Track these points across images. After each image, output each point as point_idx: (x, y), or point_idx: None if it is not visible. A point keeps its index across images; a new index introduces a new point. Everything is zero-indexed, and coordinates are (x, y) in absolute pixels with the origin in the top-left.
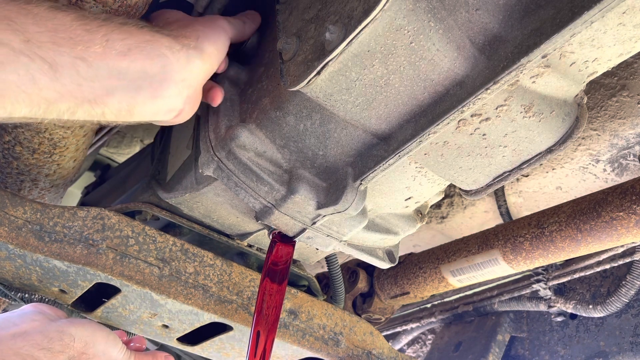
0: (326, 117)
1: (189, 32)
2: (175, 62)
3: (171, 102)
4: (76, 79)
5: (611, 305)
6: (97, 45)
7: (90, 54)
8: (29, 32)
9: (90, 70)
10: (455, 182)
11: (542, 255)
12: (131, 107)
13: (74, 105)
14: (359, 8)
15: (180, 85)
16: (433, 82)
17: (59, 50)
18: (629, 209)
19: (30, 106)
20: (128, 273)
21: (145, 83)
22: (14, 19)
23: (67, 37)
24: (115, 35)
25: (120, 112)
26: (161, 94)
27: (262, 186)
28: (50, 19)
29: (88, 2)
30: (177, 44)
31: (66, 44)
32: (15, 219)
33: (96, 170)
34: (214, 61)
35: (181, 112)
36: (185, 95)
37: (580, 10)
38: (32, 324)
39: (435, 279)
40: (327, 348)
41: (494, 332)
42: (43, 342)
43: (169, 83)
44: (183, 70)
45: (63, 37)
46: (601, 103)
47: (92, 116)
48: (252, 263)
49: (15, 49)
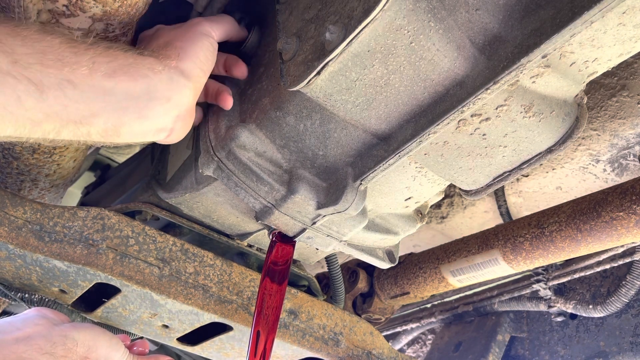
0: (326, 117)
1: (169, 51)
2: (158, 82)
3: (159, 122)
4: (62, 100)
5: (611, 305)
6: (83, 68)
7: (77, 75)
8: (16, 53)
9: (76, 91)
10: (455, 182)
11: (542, 255)
12: (117, 127)
13: (59, 125)
14: (359, 8)
15: (166, 105)
16: (433, 82)
17: (46, 72)
18: (629, 209)
19: (15, 126)
20: (128, 273)
21: (131, 104)
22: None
23: (55, 59)
24: (101, 58)
25: (107, 133)
26: (147, 114)
27: (262, 186)
28: (38, 41)
29: (88, 3)
30: (159, 64)
31: (53, 65)
32: (15, 219)
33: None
34: (198, 76)
35: (172, 131)
36: (174, 115)
37: (580, 10)
38: (35, 328)
39: (435, 279)
40: (327, 348)
41: (494, 332)
42: (46, 347)
43: (154, 103)
44: (167, 90)
45: (51, 59)
46: (601, 103)
47: (78, 136)
48: (252, 263)
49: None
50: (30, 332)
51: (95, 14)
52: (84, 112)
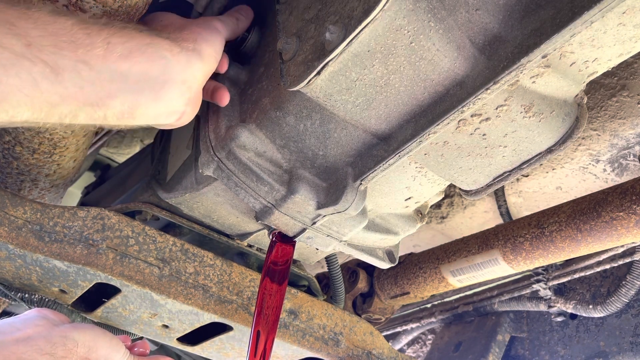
0: (326, 117)
1: (186, 35)
2: (176, 64)
3: (173, 104)
4: (78, 82)
5: (611, 305)
6: (98, 49)
7: (92, 56)
8: (30, 36)
9: (92, 73)
10: (455, 182)
11: (542, 255)
12: (133, 109)
13: (75, 108)
14: (359, 8)
15: (181, 87)
16: (433, 82)
17: (61, 54)
18: (629, 209)
19: (32, 110)
20: (128, 273)
21: (147, 85)
22: (15, 23)
23: (69, 41)
24: (116, 39)
25: (123, 115)
26: (163, 96)
27: (262, 186)
28: (50, 23)
29: (88, 2)
30: (177, 46)
31: (68, 47)
32: (15, 219)
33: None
34: (213, 62)
35: (183, 114)
36: (186, 97)
37: (580, 10)
38: (36, 329)
39: (435, 279)
40: (327, 348)
41: (494, 332)
42: (46, 347)
43: (170, 85)
44: (183, 72)
45: (64, 41)
46: (601, 103)
47: (94, 119)
48: (252, 263)
49: (17, 52)
50: (31, 333)
51: (95, 14)
52: (101, 93)
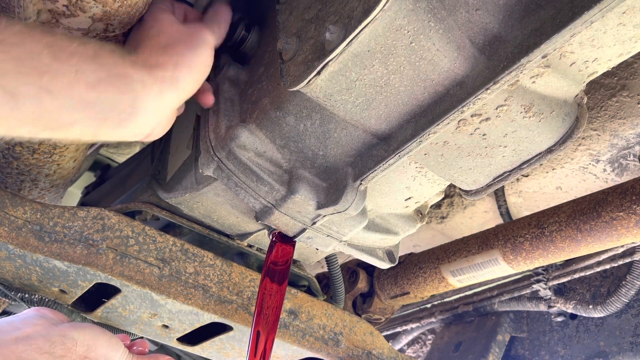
0: (326, 117)
1: (167, 59)
2: (145, 96)
3: (138, 129)
4: (37, 110)
5: (611, 305)
6: (66, 76)
7: (57, 84)
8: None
9: (55, 102)
10: (455, 182)
11: (542, 255)
12: (95, 134)
13: (35, 131)
14: (359, 8)
15: (149, 116)
16: (433, 82)
17: (23, 80)
18: (629, 209)
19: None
20: (128, 273)
21: (113, 114)
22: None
23: (33, 67)
24: (86, 66)
25: (83, 137)
26: (128, 125)
27: (262, 186)
28: (17, 45)
29: (88, 2)
30: (150, 77)
31: (31, 73)
32: (15, 219)
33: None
34: (190, 89)
35: (149, 136)
36: (154, 123)
37: (580, 10)
38: (35, 328)
39: (435, 279)
40: (327, 348)
41: (494, 332)
42: (45, 346)
43: (136, 116)
44: (153, 104)
45: (29, 67)
46: (601, 103)
47: (55, 137)
48: (252, 263)
49: None
50: (30, 332)
51: (95, 14)
52: (61, 121)
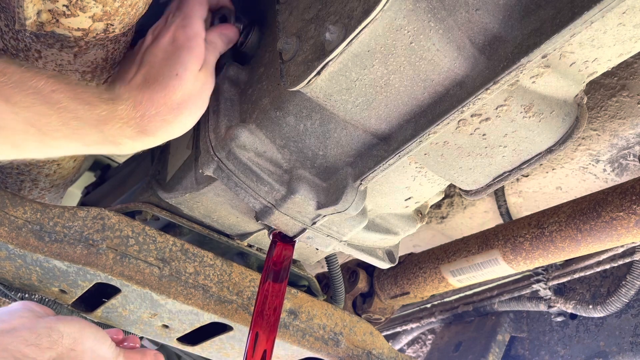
0: (326, 117)
1: (143, 97)
2: (120, 150)
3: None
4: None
5: (611, 305)
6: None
7: (58, 143)
8: None
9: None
10: (455, 182)
11: (542, 255)
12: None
13: None
14: (359, 8)
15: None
16: (433, 82)
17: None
18: (629, 209)
19: None
20: (128, 273)
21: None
22: None
23: (39, 129)
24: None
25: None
26: (94, 150)
27: (262, 186)
28: (27, 108)
29: (89, 2)
30: (141, 144)
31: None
32: (15, 219)
33: (96, 170)
34: (162, 135)
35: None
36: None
37: (580, 10)
38: (21, 320)
39: (435, 279)
40: (327, 348)
41: (494, 332)
42: (31, 339)
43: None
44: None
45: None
46: (601, 103)
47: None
48: (252, 263)
49: None
50: (16, 324)
51: (95, 14)
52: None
